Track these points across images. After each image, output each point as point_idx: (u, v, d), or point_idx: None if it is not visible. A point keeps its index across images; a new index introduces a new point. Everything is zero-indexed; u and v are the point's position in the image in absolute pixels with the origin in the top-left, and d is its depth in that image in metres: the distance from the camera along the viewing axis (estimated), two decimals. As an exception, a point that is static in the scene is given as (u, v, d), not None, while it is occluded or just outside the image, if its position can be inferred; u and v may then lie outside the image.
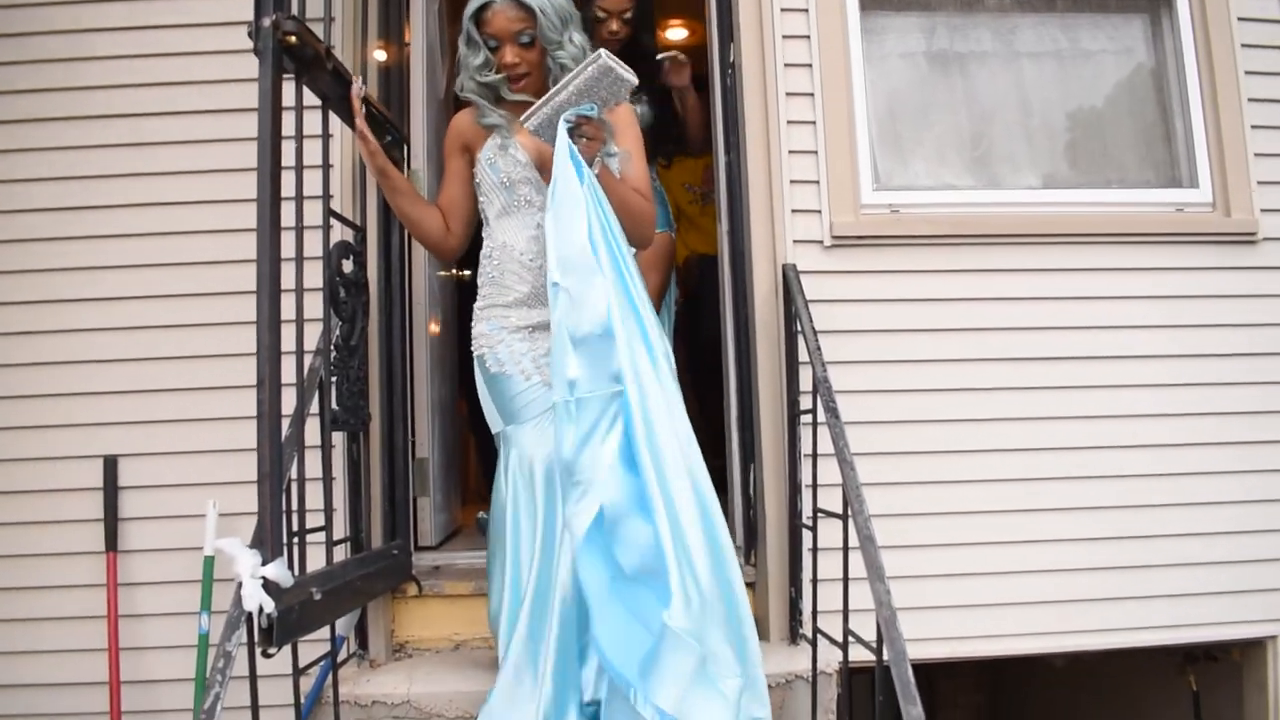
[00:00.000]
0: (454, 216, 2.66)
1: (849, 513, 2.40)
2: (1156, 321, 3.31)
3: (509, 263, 2.52)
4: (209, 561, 2.90)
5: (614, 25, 3.49)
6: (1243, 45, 3.41)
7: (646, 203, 2.48)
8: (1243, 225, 3.35)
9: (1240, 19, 3.41)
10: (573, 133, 2.24)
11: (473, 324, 2.59)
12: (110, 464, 3.01)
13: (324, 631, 2.52)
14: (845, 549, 2.47)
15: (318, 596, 2.22)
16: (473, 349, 2.57)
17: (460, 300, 3.90)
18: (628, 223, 2.37)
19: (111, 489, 3.00)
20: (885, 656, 2.12)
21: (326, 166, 2.45)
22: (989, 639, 3.17)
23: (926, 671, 5.46)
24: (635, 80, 2.26)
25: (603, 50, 2.24)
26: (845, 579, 2.48)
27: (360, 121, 2.49)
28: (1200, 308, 3.33)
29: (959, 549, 3.14)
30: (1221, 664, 3.49)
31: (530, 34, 2.43)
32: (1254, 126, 3.40)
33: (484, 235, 2.60)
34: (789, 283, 2.98)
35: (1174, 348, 3.30)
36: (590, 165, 2.29)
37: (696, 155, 4.03)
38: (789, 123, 3.18)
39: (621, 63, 2.23)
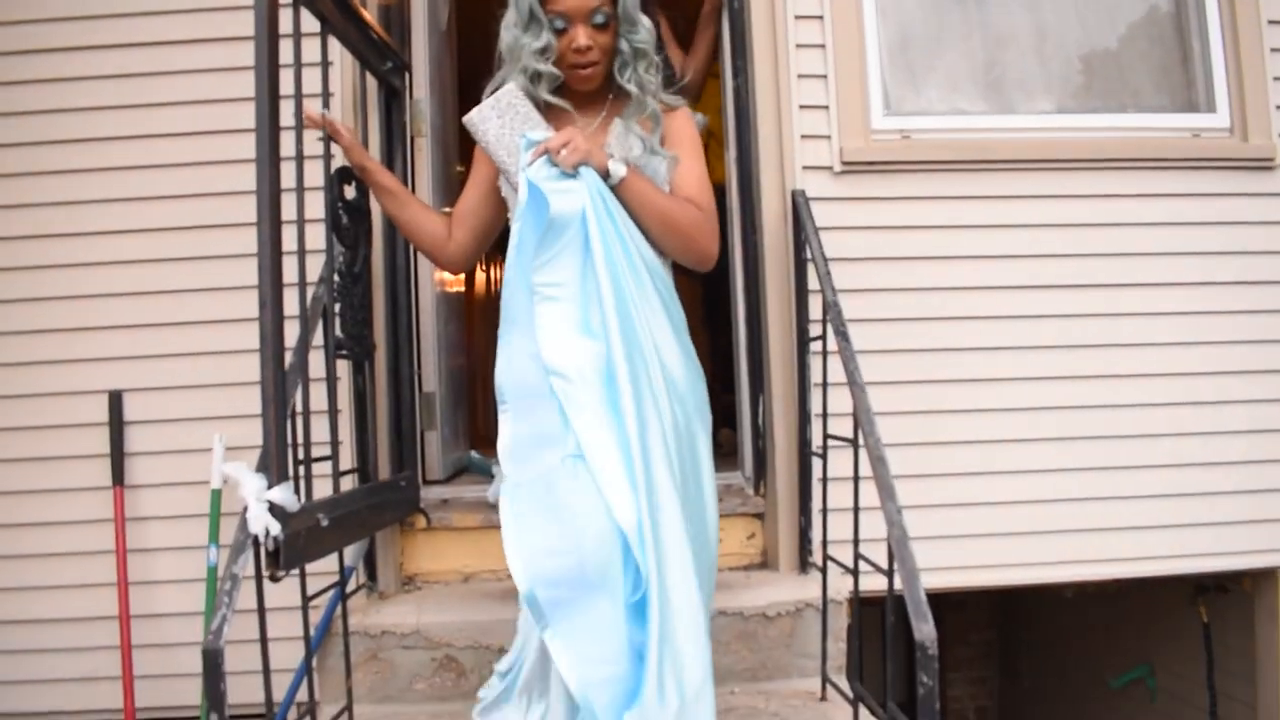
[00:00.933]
0: (462, 224, 2.21)
1: (859, 436, 2.37)
2: (1172, 248, 3.25)
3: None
4: (216, 495, 2.89)
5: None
6: (1263, -36, 3.33)
7: (701, 214, 2.04)
8: (1261, 151, 3.28)
9: (1263, -62, 3.32)
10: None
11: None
12: (115, 399, 2.99)
13: (332, 564, 2.52)
14: (856, 472, 2.44)
15: (325, 523, 2.20)
16: None
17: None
18: (674, 241, 2.02)
19: (117, 424, 2.98)
20: (896, 578, 2.10)
21: (326, 94, 2.40)
22: (1000, 568, 3.17)
23: (936, 605, 5.47)
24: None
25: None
26: (856, 502, 2.46)
27: (328, 119, 2.31)
28: (1217, 234, 3.28)
29: (970, 478, 3.12)
30: (1232, 594, 3.48)
31: (607, 12, 1.98)
32: (1274, 49, 3.32)
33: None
34: (798, 209, 2.92)
35: (1190, 274, 3.25)
36: (607, 177, 1.95)
37: (694, 99, 3.94)
38: (798, 46, 3.11)
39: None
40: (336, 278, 2.50)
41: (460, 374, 3.86)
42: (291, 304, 2.16)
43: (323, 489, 2.39)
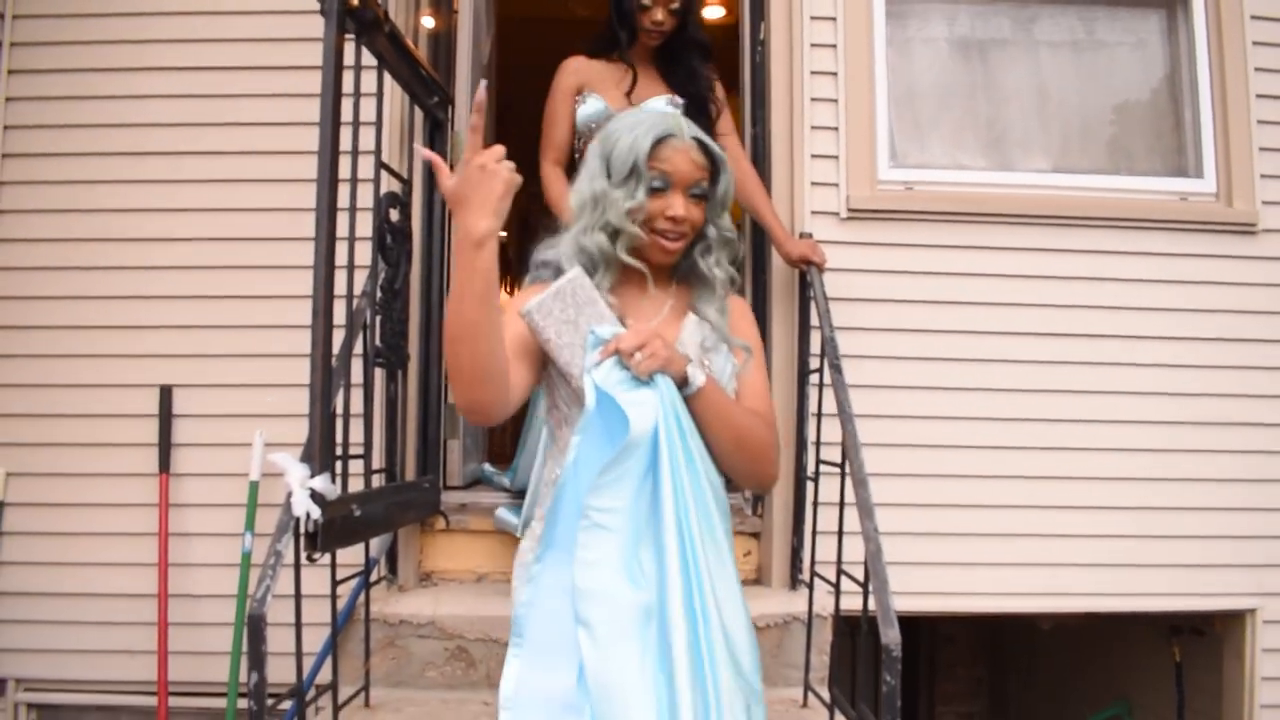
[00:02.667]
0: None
1: (846, 464, 2.58)
2: (1158, 304, 3.46)
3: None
4: (254, 486, 3.13)
5: (659, 14, 3.03)
6: (1253, 43, 3.54)
7: (771, 433, 1.79)
8: (1244, 216, 3.49)
9: (1253, 17, 3.54)
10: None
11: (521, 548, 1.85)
12: (165, 393, 3.24)
13: (355, 556, 2.75)
14: (841, 498, 2.65)
15: (357, 513, 2.44)
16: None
17: (504, 255, 4.11)
18: (741, 462, 1.74)
19: (166, 416, 3.23)
20: (872, 594, 2.30)
21: (380, 122, 2.67)
22: (980, 596, 3.36)
23: (929, 643, 5.65)
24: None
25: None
26: (840, 526, 2.66)
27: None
28: (1201, 293, 3.48)
29: (957, 510, 3.32)
30: (1205, 638, 3.65)
31: (704, 188, 1.77)
32: (1260, 121, 3.53)
33: (549, 454, 1.88)
34: (805, 252, 3.15)
35: (1174, 330, 3.45)
36: (684, 386, 1.66)
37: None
38: (812, 100, 3.36)
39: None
40: (379, 292, 2.75)
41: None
42: (339, 314, 2.41)
43: (354, 486, 2.63)
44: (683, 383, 1.66)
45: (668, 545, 1.57)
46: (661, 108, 2.91)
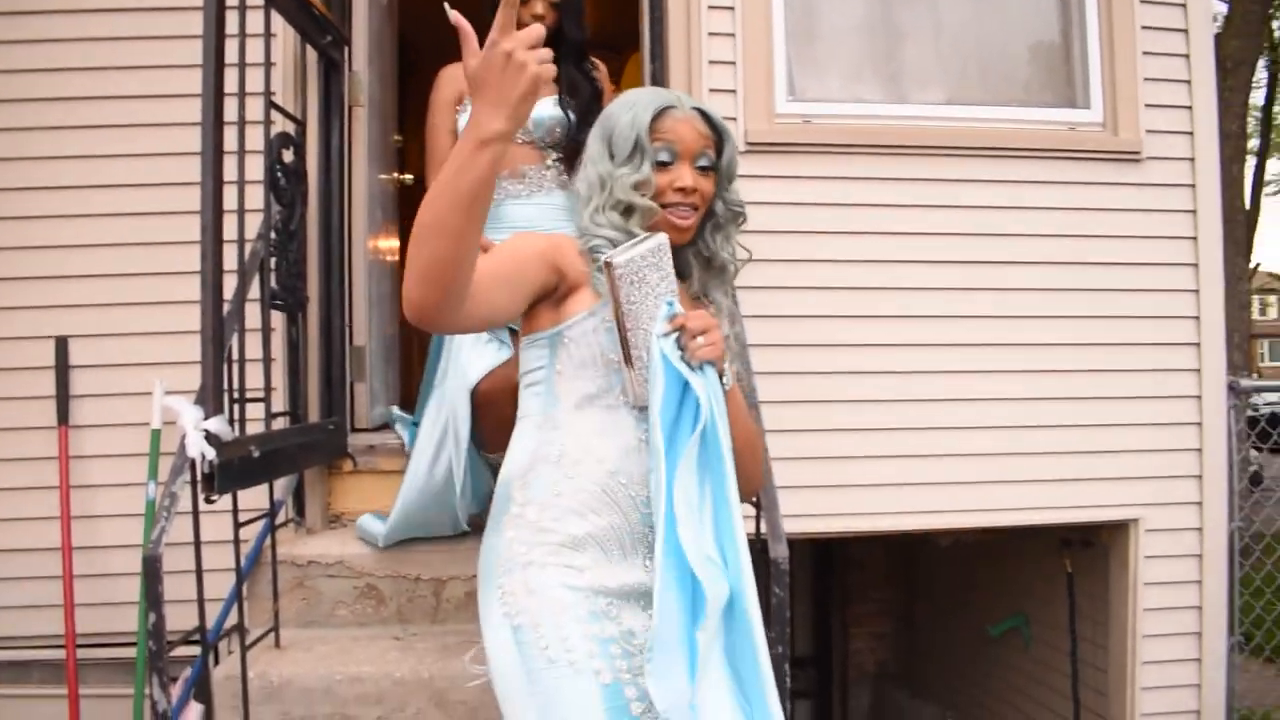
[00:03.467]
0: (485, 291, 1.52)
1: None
2: (1049, 230, 3.58)
3: (586, 480, 1.62)
4: (156, 435, 3.10)
5: (538, 6, 2.89)
6: (1140, -24, 3.65)
7: (762, 436, 1.90)
8: (1129, 144, 3.61)
9: (1138, -47, 3.64)
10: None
11: (499, 550, 1.65)
12: (61, 344, 3.18)
13: (262, 500, 2.75)
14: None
15: (256, 454, 2.44)
16: (497, 603, 1.62)
17: (400, 203, 4.09)
18: (749, 464, 1.76)
19: (63, 367, 3.18)
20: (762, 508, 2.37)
21: (269, 63, 2.62)
22: (883, 515, 3.49)
23: (841, 569, 5.84)
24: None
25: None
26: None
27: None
28: (1089, 218, 3.61)
29: (857, 434, 3.43)
30: (1093, 549, 3.84)
31: (711, 158, 1.72)
32: (1145, 53, 3.65)
33: (536, 423, 1.70)
34: (704, 185, 3.19)
35: (1064, 255, 3.59)
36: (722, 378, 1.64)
37: None
38: (710, 34, 3.38)
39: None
40: (273, 234, 2.72)
41: (393, 336, 4.07)
42: (230, 259, 2.39)
43: (258, 430, 2.63)
44: (721, 375, 1.63)
45: (736, 533, 1.57)
46: (550, 110, 2.96)
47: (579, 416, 1.66)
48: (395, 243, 4.08)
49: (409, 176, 4.21)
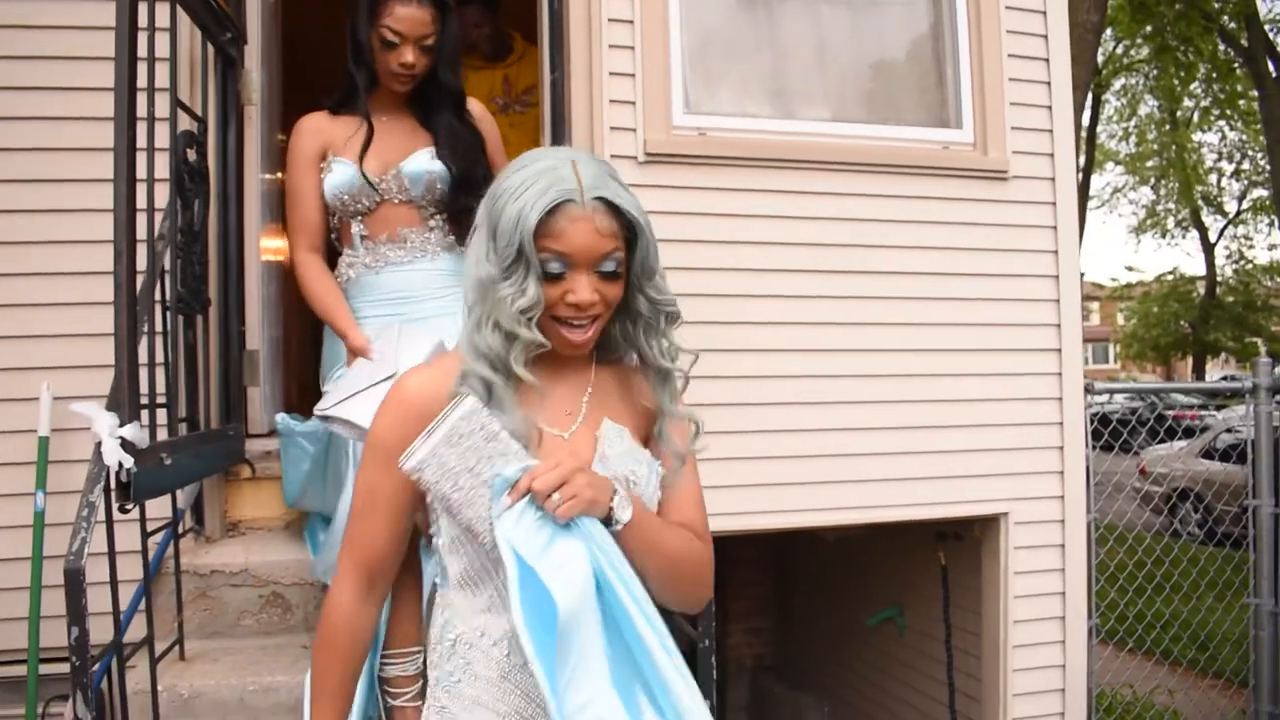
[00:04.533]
0: None
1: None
2: (924, 243, 3.79)
3: (482, 667, 1.45)
4: (44, 442, 2.97)
5: (408, 54, 2.62)
6: (1006, 7, 3.89)
7: (706, 551, 1.58)
8: (997, 163, 3.86)
9: (1005, -18, 3.90)
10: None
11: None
12: (-66, 348, 3.02)
13: (162, 509, 2.68)
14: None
15: (168, 462, 2.40)
16: None
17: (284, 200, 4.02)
18: (673, 591, 1.52)
19: (-62, 372, 3.01)
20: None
21: (175, 58, 2.57)
22: (769, 514, 3.62)
23: (720, 567, 5.98)
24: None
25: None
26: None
27: None
28: (959, 232, 3.84)
29: (743, 436, 3.55)
30: (965, 542, 4.08)
31: (620, 260, 1.44)
32: (1011, 79, 3.91)
33: (437, 600, 1.56)
34: (607, 194, 3.26)
35: (936, 265, 3.80)
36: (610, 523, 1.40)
37: (491, 62, 4.29)
38: (610, 46, 3.45)
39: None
40: (179, 235, 2.66)
41: (279, 339, 4.00)
42: (139, 259, 2.34)
43: (158, 437, 2.56)
44: (608, 520, 1.39)
45: (675, 693, 1.36)
46: (426, 164, 2.70)
47: (465, 595, 1.47)
48: (281, 242, 4.01)
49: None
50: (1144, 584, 4.69)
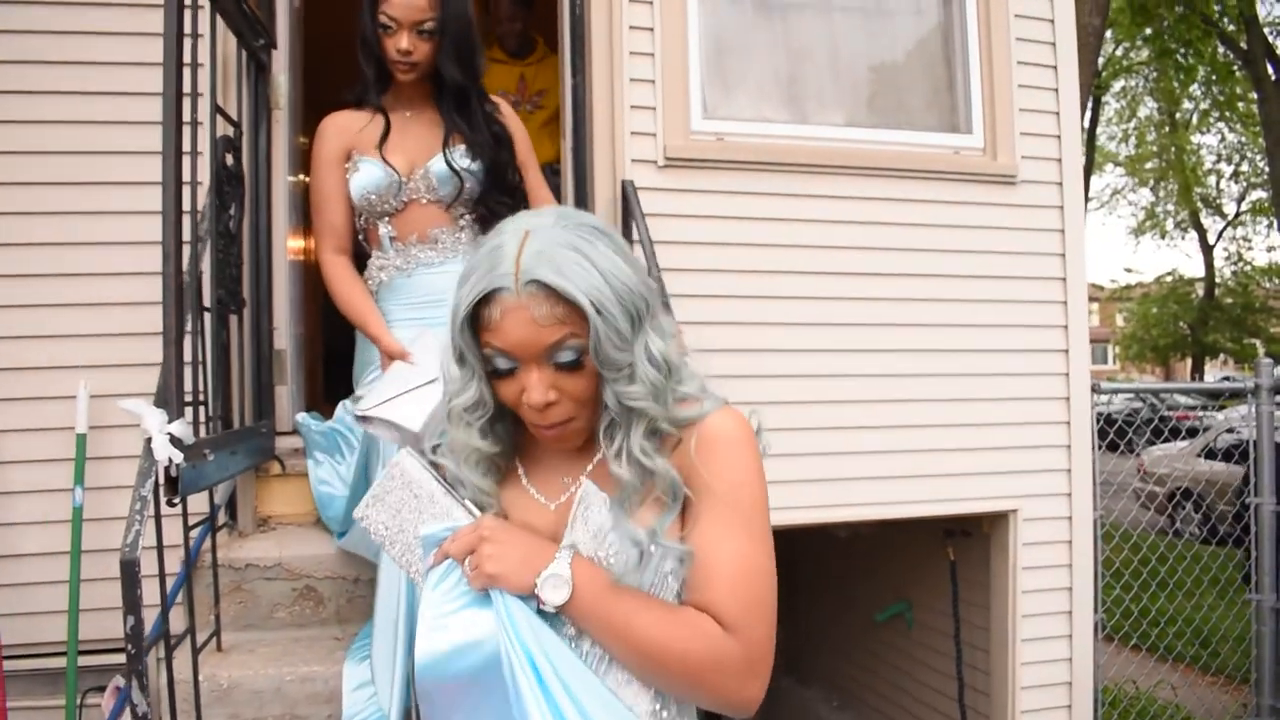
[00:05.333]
0: None
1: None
2: (935, 245, 3.88)
3: None
4: (81, 439, 3.05)
5: (404, 40, 2.53)
6: (1015, 15, 3.99)
7: (718, 637, 1.24)
8: (1006, 168, 3.95)
9: (1015, -8, 3.99)
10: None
11: None
12: (-24, 346, 3.09)
13: (199, 504, 2.76)
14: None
15: (210, 458, 2.47)
16: None
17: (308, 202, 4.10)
18: (669, 683, 1.26)
19: (-21, 370, 3.09)
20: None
21: (214, 64, 2.65)
22: (782, 510, 3.69)
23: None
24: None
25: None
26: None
27: None
28: (969, 235, 3.93)
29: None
30: (974, 538, 4.16)
31: (579, 349, 1.22)
32: (1021, 85, 4.00)
33: None
34: (627, 197, 3.35)
35: (949, 268, 3.89)
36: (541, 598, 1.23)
37: (512, 58, 4.36)
38: (631, 53, 3.54)
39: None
40: (218, 238, 2.74)
41: (302, 338, 4.08)
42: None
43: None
44: (535, 598, 1.23)
45: None
46: (443, 165, 2.63)
47: None
48: (303, 243, 4.09)
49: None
50: (1148, 580, 4.77)
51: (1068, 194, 4.03)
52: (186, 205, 2.40)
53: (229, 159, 2.81)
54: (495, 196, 2.68)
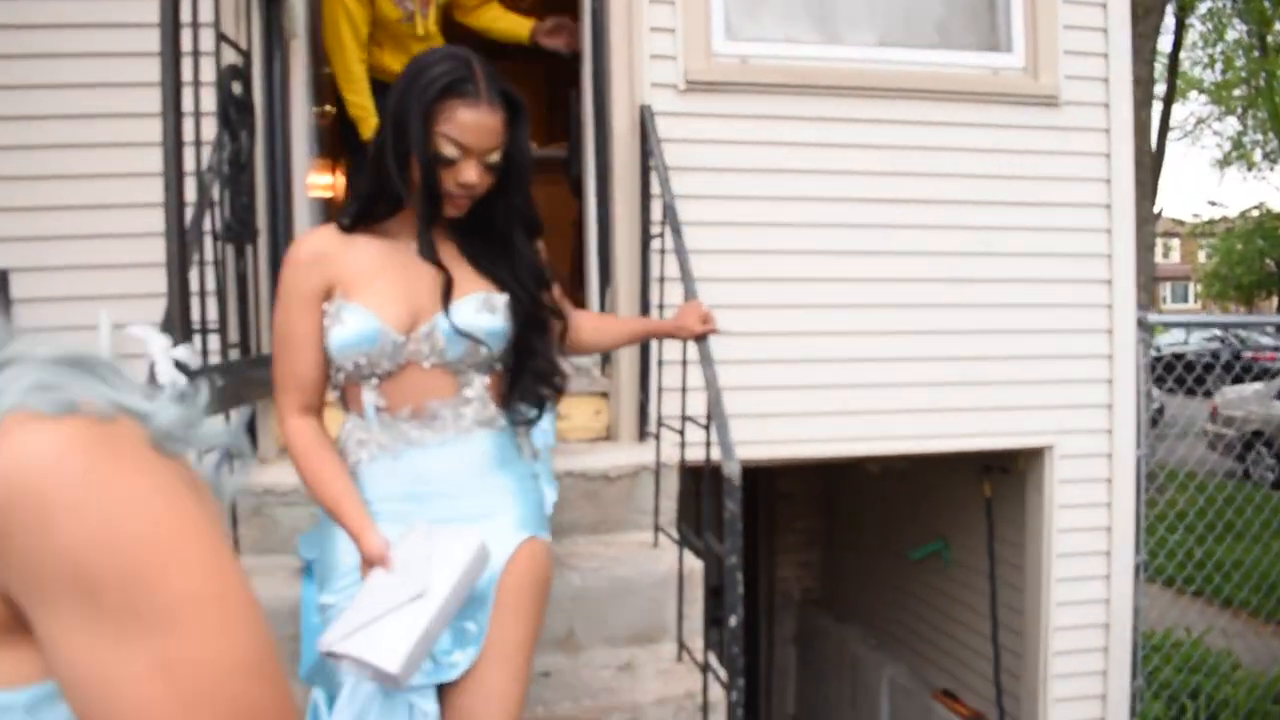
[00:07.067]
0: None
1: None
2: (972, 170, 3.74)
3: None
4: (103, 367, 3.11)
5: (470, 173, 1.81)
6: (1060, -76, 3.79)
7: None
8: (1048, 89, 3.78)
9: (1063, -100, 3.78)
10: None
11: None
12: (2, 277, 3.15)
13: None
14: (684, 354, 2.82)
15: (219, 383, 2.49)
16: None
17: (334, 138, 4.09)
18: None
19: (5, 301, 3.15)
20: (713, 432, 2.50)
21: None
22: (816, 442, 3.65)
23: (769, 502, 6.04)
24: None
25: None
26: (684, 375, 2.84)
27: None
28: (1009, 160, 3.78)
29: (790, 365, 3.58)
30: (1010, 475, 4.06)
31: None
32: (1065, 0, 3.81)
33: None
34: (645, 123, 3.28)
35: (985, 194, 3.75)
36: None
37: None
38: (650, -27, 3.44)
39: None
40: (226, 166, 2.74)
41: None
42: (191, 191, 2.42)
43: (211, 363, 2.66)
44: None
45: None
46: (471, 317, 1.88)
47: None
48: (328, 178, 4.09)
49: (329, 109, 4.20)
50: (1213, 524, 4.62)
51: (1114, 116, 3.84)
52: (190, 137, 2.40)
53: (236, 87, 2.79)
54: (521, 364, 1.98)
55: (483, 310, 1.90)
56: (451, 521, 1.88)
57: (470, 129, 1.78)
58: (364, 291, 1.87)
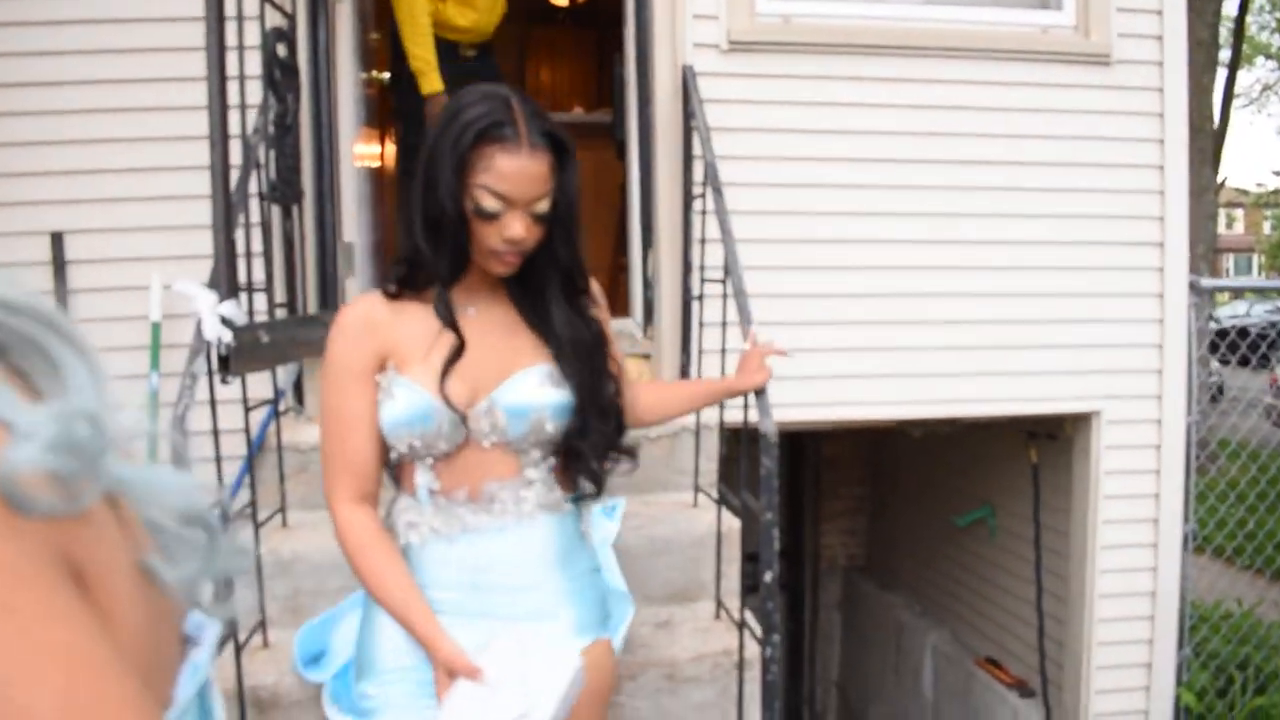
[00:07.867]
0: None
1: (728, 282, 2.76)
2: (1021, 131, 3.68)
3: None
4: (156, 328, 3.19)
5: (517, 228, 1.60)
6: (1113, -125, 3.69)
7: None
8: (1100, 47, 3.70)
9: None
10: None
11: None
12: (57, 239, 3.24)
13: (263, 389, 2.85)
14: (724, 315, 2.82)
15: (265, 340, 2.54)
16: None
17: (382, 105, 4.13)
18: None
19: (59, 262, 3.24)
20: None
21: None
22: (858, 405, 3.63)
23: (814, 468, 6.03)
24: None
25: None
26: (724, 338, 2.85)
27: None
28: (1059, 120, 3.71)
29: (832, 327, 3.55)
30: (1057, 441, 4.02)
31: None
32: (1119, -44, 3.72)
33: None
34: (687, 83, 3.26)
35: (1034, 155, 3.69)
36: None
37: None
38: (693, -68, 3.42)
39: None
40: (271, 128, 2.78)
41: (377, 233, 4.15)
42: (236, 153, 2.46)
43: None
44: None
45: None
46: (532, 393, 1.70)
47: None
48: (376, 147, 4.13)
49: (386, 75, 4.24)
50: (1265, 494, 4.52)
51: (1168, 75, 3.75)
52: (235, 100, 2.44)
53: (281, 50, 2.83)
54: (585, 435, 1.77)
55: (546, 384, 1.71)
56: (511, 619, 1.72)
57: (511, 178, 1.57)
58: (415, 363, 1.68)
